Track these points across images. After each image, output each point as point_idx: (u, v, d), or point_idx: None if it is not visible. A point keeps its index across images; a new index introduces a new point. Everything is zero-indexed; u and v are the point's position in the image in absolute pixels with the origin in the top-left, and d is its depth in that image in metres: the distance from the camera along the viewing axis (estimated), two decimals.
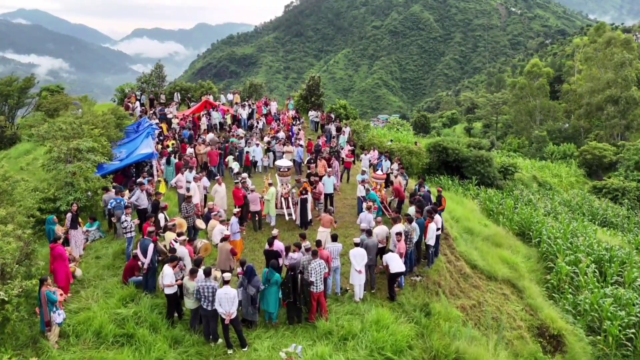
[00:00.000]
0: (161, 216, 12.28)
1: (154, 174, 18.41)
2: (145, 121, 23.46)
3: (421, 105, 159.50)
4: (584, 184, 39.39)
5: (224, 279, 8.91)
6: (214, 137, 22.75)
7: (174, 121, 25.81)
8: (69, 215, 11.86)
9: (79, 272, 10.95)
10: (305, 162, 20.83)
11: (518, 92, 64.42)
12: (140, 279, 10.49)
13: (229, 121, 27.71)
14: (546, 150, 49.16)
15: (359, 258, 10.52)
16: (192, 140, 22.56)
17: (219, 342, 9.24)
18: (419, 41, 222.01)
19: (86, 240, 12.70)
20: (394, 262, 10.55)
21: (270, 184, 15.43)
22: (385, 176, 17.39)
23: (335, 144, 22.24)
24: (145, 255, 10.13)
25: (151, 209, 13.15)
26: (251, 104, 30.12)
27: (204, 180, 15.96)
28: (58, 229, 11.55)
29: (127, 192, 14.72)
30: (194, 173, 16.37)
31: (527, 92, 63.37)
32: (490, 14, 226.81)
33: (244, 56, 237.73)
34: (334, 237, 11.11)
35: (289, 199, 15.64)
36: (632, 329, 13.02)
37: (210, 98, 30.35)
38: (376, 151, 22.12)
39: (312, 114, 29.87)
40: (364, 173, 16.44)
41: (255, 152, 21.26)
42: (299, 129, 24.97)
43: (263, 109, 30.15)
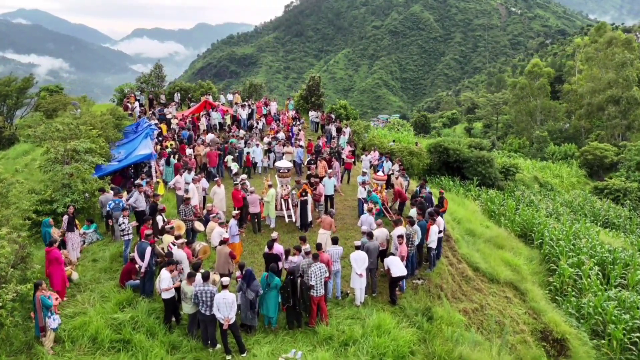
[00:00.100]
0: (159, 218, 12.10)
1: (152, 175, 18.27)
2: (144, 121, 23.29)
3: (421, 105, 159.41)
4: (585, 184, 39.21)
5: (222, 283, 8.74)
6: (214, 138, 22.57)
7: (173, 122, 25.64)
8: (65, 218, 11.68)
9: (75, 276, 10.78)
10: (305, 163, 20.65)
11: (519, 92, 64.13)
12: (137, 282, 10.32)
13: (229, 121, 27.54)
14: (547, 151, 48.95)
15: (359, 261, 10.35)
16: (192, 140, 22.40)
17: (218, 347, 9.07)
18: (419, 41, 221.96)
19: (83, 243, 12.54)
20: (396, 266, 10.37)
21: (270, 185, 15.26)
22: (386, 177, 17.21)
23: (335, 144, 22.08)
24: (142, 258, 9.95)
25: (149, 211, 12.96)
26: (251, 104, 29.94)
27: (202, 181, 15.80)
28: (54, 231, 11.37)
29: (125, 193, 14.55)
30: (192, 174, 16.21)
31: (528, 92, 63.10)
32: (490, 13, 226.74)
33: (244, 56, 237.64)
34: (335, 240, 10.93)
35: (289, 200, 15.47)
36: (636, 333, 12.86)
37: (209, 98, 30.17)
38: (377, 152, 21.98)
39: (313, 114, 29.69)
40: (364, 174, 16.26)
41: (255, 152, 21.11)
42: (299, 130, 24.79)
43: (263, 109, 29.96)
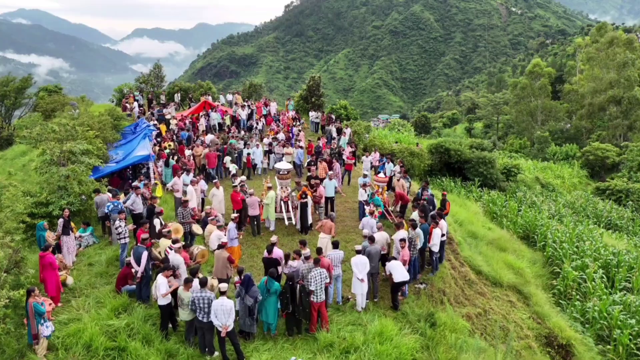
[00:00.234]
0: (156, 221, 11.85)
1: (150, 177, 18.03)
2: (142, 122, 23.05)
3: (421, 105, 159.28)
4: (586, 185, 38.98)
5: (220, 289, 8.51)
6: (213, 139, 22.33)
7: (172, 122, 25.40)
8: (60, 221, 11.44)
9: (70, 281, 10.54)
10: (305, 164, 20.41)
11: (519, 92, 63.86)
12: (133, 287, 10.08)
13: (228, 122, 27.29)
14: (548, 151, 48.69)
15: (361, 266, 10.11)
16: (191, 141, 22.16)
17: (215, 355, 8.85)
18: (419, 41, 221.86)
19: (79, 247, 12.30)
20: (398, 271, 10.13)
21: (270, 187, 15.00)
22: (387, 179, 16.94)
23: (335, 145, 21.84)
24: (138, 263, 9.71)
25: (146, 213, 12.72)
26: (250, 104, 29.70)
27: (201, 183, 15.55)
28: (49, 235, 11.13)
29: (123, 195, 14.31)
30: (191, 176, 15.98)
31: (529, 92, 62.82)
32: (490, 13, 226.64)
33: (244, 56, 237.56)
34: (335, 244, 10.70)
35: (289, 202, 15.23)
36: None
37: (209, 98, 29.91)
38: (377, 153, 21.73)
39: (313, 114, 29.44)
40: (365, 176, 16.01)
41: (255, 154, 20.84)
42: (299, 130, 24.54)
43: (263, 110, 29.71)
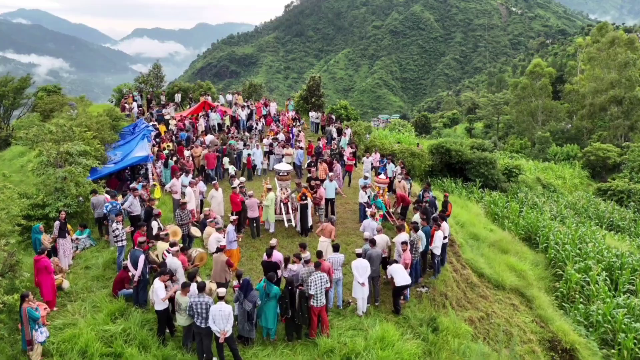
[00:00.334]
0: (154, 224, 11.67)
1: (149, 178, 17.85)
2: (141, 122, 22.88)
3: (422, 105, 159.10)
4: (588, 185, 38.78)
5: (218, 294, 8.34)
6: (213, 139, 22.16)
7: (171, 122, 25.22)
8: (56, 224, 11.24)
9: (66, 284, 10.36)
10: (305, 165, 20.22)
11: (520, 92, 63.65)
12: (130, 291, 9.91)
13: (228, 122, 27.12)
14: (549, 152, 48.49)
15: (361, 270, 9.93)
16: (190, 142, 21.98)
17: None
18: (419, 41, 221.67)
19: (76, 249, 12.12)
20: (399, 275, 9.95)
21: (270, 189, 14.81)
22: (388, 180, 16.76)
23: (336, 146, 21.66)
24: (135, 267, 9.54)
25: (144, 216, 12.54)
26: (250, 104, 29.52)
27: (200, 184, 15.35)
28: (44, 238, 10.94)
29: (121, 197, 14.14)
30: (190, 177, 15.81)
31: (530, 93, 62.62)
32: (490, 13, 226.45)
33: (244, 56, 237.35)
34: (336, 248, 10.51)
35: (289, 204, 15.05)
36: None
37: (208, 99, 29.73)
38: (378, 154, 21.52)
39: (313, 115, 29.26)
40: (366, 178, 15.83)
41: (255, 154, 20.65)
42: (299, 131, 24.34)
43: (262, 110, 29.53)
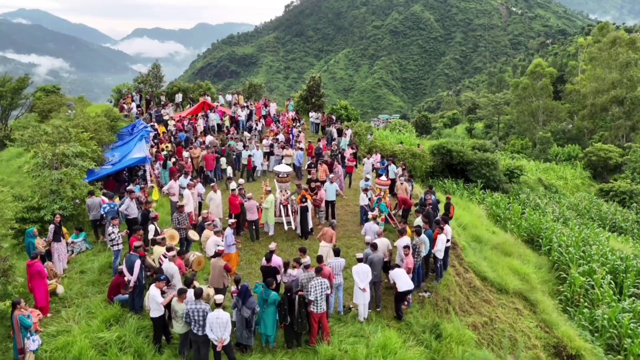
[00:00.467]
0: (151, 227, 11.44)
1: (147, 179, 17.62)
2: (140, 123, 22.66)
3: (422, 105, 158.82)
4: (589, 186, 38.54)
5: (215, 301, 8.10)
6: (212, 140, 21.93)
7: (170, 123, 25.00)
8: (51, 227, 11.00)
9: (60, 290, 10.12)
10: (305, 166, 19.98)
11: (521, 92, 63.37)
12: (126, 297, 9.68)
13: (227, 123, 26.89)
14: (550, 152, 48.25)
15: (362, 275, 9.68)
16: (189, 143, 21.74)
17: None
18: (419, 41, 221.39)
19: (71, 253, 11.89)
20: (402, 280, 9.71)
21: (269, 191, 14.55)
22: (389, 182, 16.51)
23: (336, 147, 21.42)
24: (131, 272, 9.30)
25: (141, 219, 12.29)
26: (250, 105, 29.28)
27: (198, 186, 15.11)
28: (38, 242, 10.71)
29: (118, 199, 13.91)
30: (189, 179, 15.57)
31: (530, 93, 62.35)
32: (490, 13, 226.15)
33: (244, 56, 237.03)
34: (336, 252, 10.27)
35: (288, 206, 14.81)
36: None
37: (207, 99, 29.51)
38: (378, 155, 21.25)
39: (313, 115, 29.02)
40: (367, 179, 15.58)
41: (255, 156, 20.40)
42: (299, 131, 24.09)
43: (262, 110, 29.30)
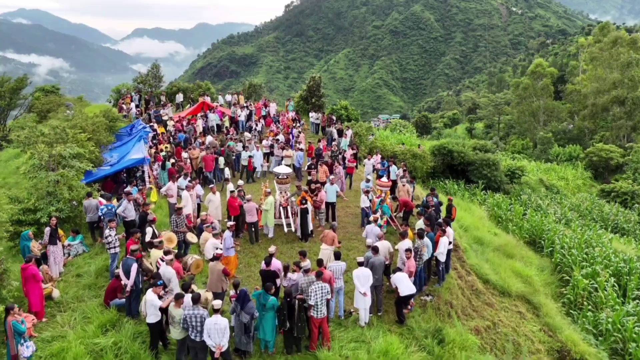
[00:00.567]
0: (149, 230, 11.26)
1: (145, 180, 17.45)
2: (139, 123, 22.48)
3: (422, 105, 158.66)
4: (590, 186, 38.36)
5: (213, 307, 7.93)
6: (212, 141, 21.76)
7: (169, 123, 24.82)
8: (47, 230, 10.83)
9: (56, 294, 9.94)
10: (305, 167, 19.79)
11: (522, 92, 63.18)
12: (123, 301, 9.50)
13: (227, 123, 26.72)
14: (551, 152, 48.05)
15: (363, 279, 9.49)
16: (188, 143, 21.57)
17: None
18: (419, 41, 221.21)
19: (67, 256, 11.71)
20: (404, 284, 9.53)
21: (269, 192, 14.36)
22: (390, 184, 16.33)
23: (336, 147, 21.23)
24: (127, 276, 9.12)
25: (138, 221, 12.10)
26: (249, 105, 29.10)
27: (197, 188, 14.93)
28: (34, 245, 10.53)
29: (115, 200, 13.72)
30: (187, 180, 15.39)
31: (531, 93, 62.16)
32: (491, 13, 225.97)
33: (244, 56, 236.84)
34: (337, 255, 10.08)
35: (288, 208, 14.63)
36: None
37: (207, 99, 29.32)
38: (379, 155, 21.06)
39: (313, 115, 28.84)
40: (368, 181, 15.40)
41: (256, 156, 20.22)
42: (299, 132, 23.90)
43: (262, 111, 29.12)
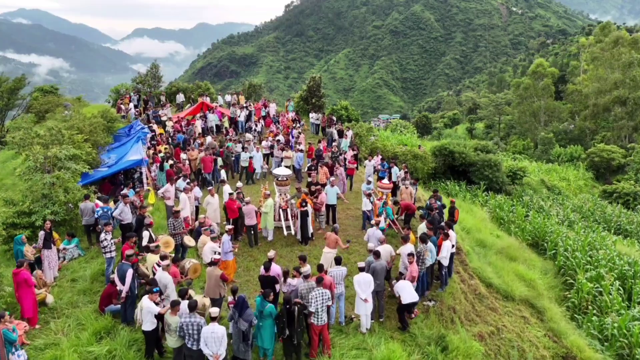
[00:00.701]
0: (145, 234, 11.01)
1: (143, 182, 17.23)
2: (137, 124, 22.26)
3: (422, 105, 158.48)
4: (592, 187, 38.15)
5: (211, 315, 7.69)
6: (211, 142, 21.53)
7: (168, 124, 24.59)
8: (41, 234, 10.58)
9: (50, 299, 9.71)
10: (305, 168, 19.55)
11: (522, 92, 62.98)
12: (118, 307, 9.27)
13: (227, 124, 26.48)
14: (553, 153, 47.82)
15: (364, 285, 9.24)
16: (187, 144, 21.33)
17: None
18: (419, 41, 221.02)
19: (63, 260, 11.48)
20: (407, 292, 9.28)
21: (268, 194, 14.12)
22: (392, 185, 16.09)
23: (336, 148, 20.99)
24: (123, 281, 8.89)
25: (135, 224, 11.87)
26: (249, 105, 28.85)
27: (195, 190, 14.69)
28: (27, 249, 10.30)
29: (112, 203, 13.50)
30: (187, 182, 15.15)
31: (532, 93, 61.97)
32: (491, 13, 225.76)
33: (244, 56, 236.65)
34: (338, 260, 9.84)
35: (288, 210, 14.39)
36: None
37: (206, 99, 29.08)
38: (379, 156, 20.82)
39: (313, 116, 28.60)
40: (369, 183, 15.16)
41: (255, 158, 19.99)
42: (299, 133, 23.65)
43: (262, 111, 28.88)
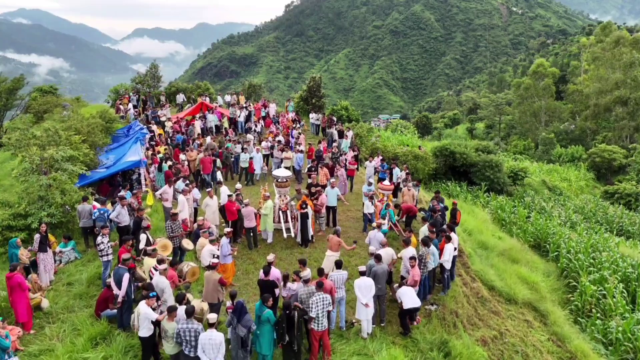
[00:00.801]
0: (142, 237, 10.84)
1: (142, 183, 17.05)
2: (136, 124, 22.08)
3: (422, 105, 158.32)
4: (593, 188, 37.99)
5: (209, 321, 7.52)
6: (211, 142, 21.35)
7: (167, 124, 24.41)
8: (37, 237, 10.42)
9: (45, 304, 9.53)
10: (305, 169, 19.37)
11: (523, 92, 62.80)
12: (114, 312, 9.09)
13: (226, 124, 26.29)
14: (554, 153, 47.64)
15: (365, 290, 9.05)
16: (186, 145, 21.15)
17: None
18: (419, 41, 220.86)
19: (59, 263, 11.30)
20: (408, 297, 9.10)
21: (268, 196, 13.94)
22: (392, 187, 15.91)
23: (337, 149, 20.81)
24: (119, 286, 8.71)
25: (133, 227, 11.69)
26: (248, 105, 28.67)
27: (194, 192, 14.51)
28: (22, 253, 10.12)
29: (110, 205, 13.32)
30: (186, 183, 14.97)
31: (533, 93, 61.81)
32: (491, 13, 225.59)
33: (244, 56, 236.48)
34: (338, 264, 9.67)
35: (288, 212, 14.21)
36: None
37: (206, 99, 28.90)
38: (380, 157, 20.65)
39: (313, 116, 28.43)
40: (370, 184, 14.98)
41: (255, 158, 19.80)
42: (299, 133, 23.47)
43: (261, 112, 28.70)
